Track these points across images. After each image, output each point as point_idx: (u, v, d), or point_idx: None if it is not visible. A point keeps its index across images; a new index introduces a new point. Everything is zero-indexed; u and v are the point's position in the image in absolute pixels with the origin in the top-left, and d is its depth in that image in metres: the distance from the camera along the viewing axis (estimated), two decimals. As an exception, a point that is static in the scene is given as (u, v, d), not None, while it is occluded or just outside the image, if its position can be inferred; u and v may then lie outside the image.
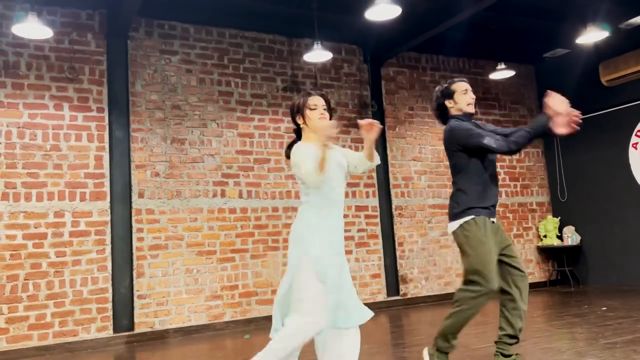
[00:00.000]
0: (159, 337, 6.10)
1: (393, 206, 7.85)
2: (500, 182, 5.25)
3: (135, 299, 6.12)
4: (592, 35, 7.11)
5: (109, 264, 6.04)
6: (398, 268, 7.71)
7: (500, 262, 3.30)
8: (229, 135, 6.93)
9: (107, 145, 6.23)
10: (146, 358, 5.03)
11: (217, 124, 6.89)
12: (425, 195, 8.17)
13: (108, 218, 6.10)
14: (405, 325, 6.33)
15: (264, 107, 7.21)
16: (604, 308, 6.08)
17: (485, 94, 8.93)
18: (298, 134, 2.96)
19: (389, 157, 7.94)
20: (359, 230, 7.57)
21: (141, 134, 6.45)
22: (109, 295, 6.00)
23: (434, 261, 8.05)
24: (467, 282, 3.27)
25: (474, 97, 3.52)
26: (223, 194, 6.78)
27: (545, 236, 8.87)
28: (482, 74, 8.90)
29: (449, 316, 3.28)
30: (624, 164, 8.00)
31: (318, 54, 6.73)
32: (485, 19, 7.34)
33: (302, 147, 2.83)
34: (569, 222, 8.80)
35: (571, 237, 8.70)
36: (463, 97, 3.46)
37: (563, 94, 3.25)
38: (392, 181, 7.89)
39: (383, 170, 7.83)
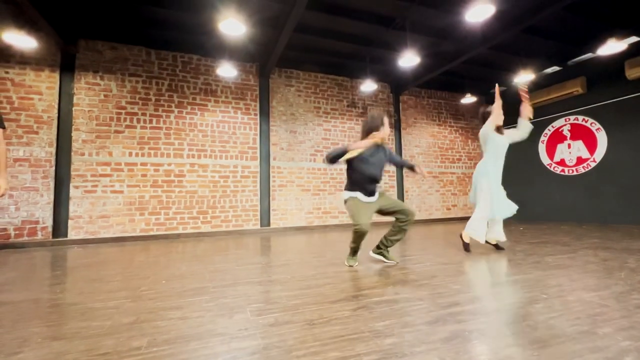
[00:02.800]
0: (282, 231, 6.30)
1: (403, 171, 7.77)
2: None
3: (271, 211, 6.35)
4: (521, 78, 6.71)
5: (258, 193, 6.27)
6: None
7: (387, 213, 2.87)
8: (318, 129, 6.99)
9: (258, 133, 6.40)
10: (276, 240, 5.20)
11: (312, 123, 6.96)
12: (422, 166, 8.02)
13: (258, 170, 6.33)
14: (407, 235, 6.32)
15: (336, 116, 7.20)
16: (522, 228, 5.90)
17: (456, 112, 8.61)
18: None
19: (402, 144, 7.82)
20: (385, 183, 7.57)
21: (275, 127, 6.60)
22: (258, 208, 6.24)
23: (424, 201, 7.96)
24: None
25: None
26: (314, 160, 6.90)
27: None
28: (454, 100, 8.55)
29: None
30: (535, 152, 7.58)
31: (368, 86, 6.69)
32: (457, 69, 7.08)
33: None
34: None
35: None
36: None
37: (505, 113, 3.21)
38: (403, 157, 7.80)
39: (399, 152, 7.76)
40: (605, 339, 1.53)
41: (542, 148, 7.57)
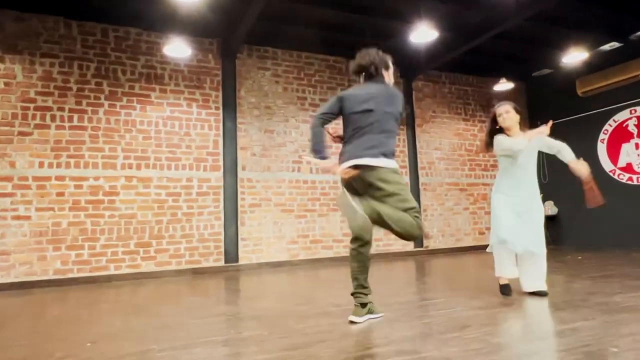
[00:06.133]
0: (255, 268, 6.31)
1: (420, 183, 7.88)
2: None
3: (239, 240, 6.34)
4: (572, 58, 6.98)
5: (222, 215, 6.28)
6: (422, 227, 7.74)
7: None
8: (304, 127, 7.04)
9: (221, 133, 6.45)
10: (247, 281, 5.19)
11: (295, 119, 7.03)
12: (443, 176, 8.17)
13: (221, 184, 6.34)
14: (426, 268, 6.39)
15: (328, 109, 7.33)
16: (580, 257, 6.01)
17: (488, 103, 8.81)
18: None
19: (418, 147, 7.95)
20: (395, 199, 7.63)
21: (244, 125, 6.65)
22: (222, 237, 6.24)
23: (448, 223, 8.06)
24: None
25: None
26: (299, 170, 6.95)
27: (532, 209, 8.71)
28: (485, 87, 8.79)
29: None
30: (593, 155, 7.82)
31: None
32: (488, 46, 7.29)
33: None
34: (549, 197, 8.66)
35: (551, 209, 8.55)
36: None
37: (547, 105, 3.31)
38: (419, 164, 7.91)
39: (413, 156, 7.87)
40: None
41: (601, 149, 7.81)
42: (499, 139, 3.33)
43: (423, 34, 5.64)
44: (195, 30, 6.33)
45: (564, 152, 3.49)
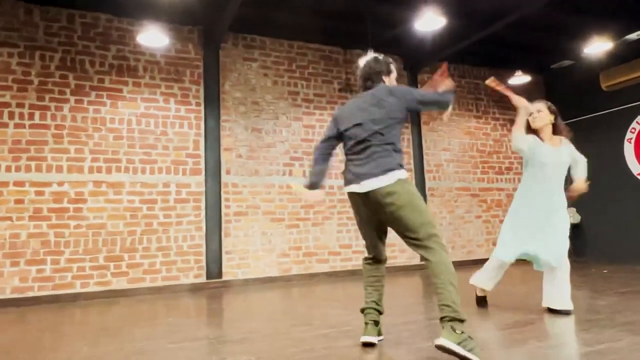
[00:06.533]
0: (241, 285, 6.29)
1: (426, 187, 7.90)
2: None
3: (223, 253, 6.32)
4: (594, 48, 7.05)
5: (203, 225, 6.26)
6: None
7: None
8: (296, 126, 7.09)
9: (202, 132, 6.44)
10: (231, 300, 5.19)
11: (287, 117, 7.05)
12: (453, 180, 8.20)
13: (203, 189, 6.33)
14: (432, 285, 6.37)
15: (323, 104, 7.34)
16: (605, 271, 6.05)
17: (502, 98, 8.86)
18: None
19: (424, 147, 7.98)
20: (398, 206, 7.65)
21: (228, 123, 6.65)
22: (203, 249, 6.22)
23: (459, 233, 8.08)
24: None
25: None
26: (290, 173, 6.95)
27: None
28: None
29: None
30: (619, 156, 7.88)
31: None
32: (502, 35, 7.33)
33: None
34: (571, 204, 8.70)
35: (573, 217, 8.59)
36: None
37: (569, 100, 3.36)
38: (425, 167, 7.94)
39: (419, 158, 7.90)
40: None
41: (628, 150, 7.87)
42: (513, 134, 3.41)
43: (429, 21, 5.66)
44: (174, 17, 6.32)
45: (580, 166, 3.51)
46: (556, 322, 3.06)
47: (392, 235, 2.66)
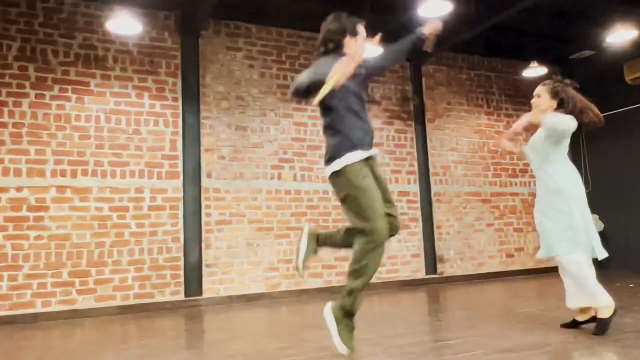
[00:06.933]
0: (223, 303, 6.27)
1: (432, 192, 7.93)
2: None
3: (204, 267, 6.30)
4: (618, 37, 7.11)
5: (181, 236, 6.24)
6: (436, 249, 7.80)
7: None
8: (286, 124, 7.10)
9: (180, 131, 6.44)
10: (213, 320, 5.17)
11: (276, 113, 7.07)
12: (462, 184, 8.25)
13: (181, 195, 6.31)
14: (441, 300, 6.41)
15: (317, 100, 7.36)
16: (632, 285, 6.09)
17: (516, 92, 8.97)
18: None
19: (429, 147, 8.03)
20: (401, 214, 7.64)
21: (210, 121, 6.65)
22: (181, 263, 6.20)
23: (468, 244, 8.12)
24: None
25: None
26: (280, 177, 6.95)
27: (572, 224, 8.81)
28: (513, 73, 8.92)
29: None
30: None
31: (367, 50, 6.86)
32: (516, 23, 7.39)
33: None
34: (593, 211, 8.73)
35: (595, 225, 8.64)
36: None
37: (589, 94, 3.39)
38: (431, 169, 7.98)
39: (423, 160, 7.93)
40: None
41: (657, 150, 7.95)
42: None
43: (435, 6, 5.71)
44: (148, 1, 6.31)
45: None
46: (574, 342, 3.07)
47: (394, 245, 2.67)
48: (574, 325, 3.44)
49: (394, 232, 2.90)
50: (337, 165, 2.80)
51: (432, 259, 7.75)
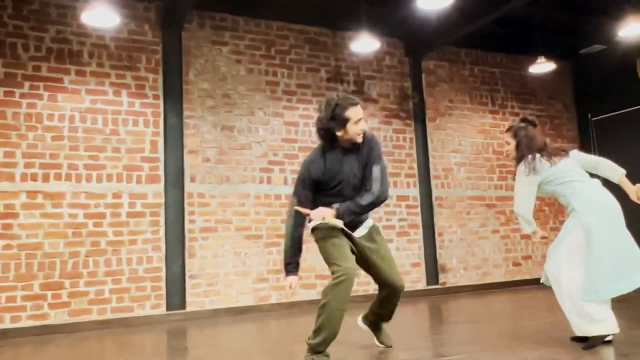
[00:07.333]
0: (208, 316, 6.25)
1: (433, 197, 7.95)
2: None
3: (187, 278, 6.29)
4: (630, 30, 7.17)
5: (162, 245, 6.23)
6: (437, 257, 7.83)
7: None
8: (275, 123, 7.10)
9: (161, 131, 6.43)
10: (197, 335, 5.16)
11: (264, 112, 7.07)
12: (465, 187, 8.28)
13: (162, 200, 6.30)
14: (443, 313, 6.42)
15: (308, 97, 7.36)
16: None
17: (522, 89, 9.02)
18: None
19: (430, 149, 8.05)
20: (400, 220, 7.68)
21: (193, 120, 6.65)
22: (163, 274, 6.18)
23: (472, 252, 8.14)
24: None
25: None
26: (269, 181, 6.95)
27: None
28: (519, 68, 8.96)
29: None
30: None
31: (363, 44, 6.89)
32: (522, 14, 7.43)
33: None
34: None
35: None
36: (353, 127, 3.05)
37: (599, 91, 3.43)
38: (432, 172, 8.00)
39: (424, 161, 7.95)
40: None
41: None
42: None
43: (435, -3, 5.72)
44: (126, -9, 6.33)
45: (602, 168, 3.56)
46: (588, 357, 3.09)
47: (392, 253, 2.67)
48: (584, 339, 3.46)
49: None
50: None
51: (433, 268, 7.77)
